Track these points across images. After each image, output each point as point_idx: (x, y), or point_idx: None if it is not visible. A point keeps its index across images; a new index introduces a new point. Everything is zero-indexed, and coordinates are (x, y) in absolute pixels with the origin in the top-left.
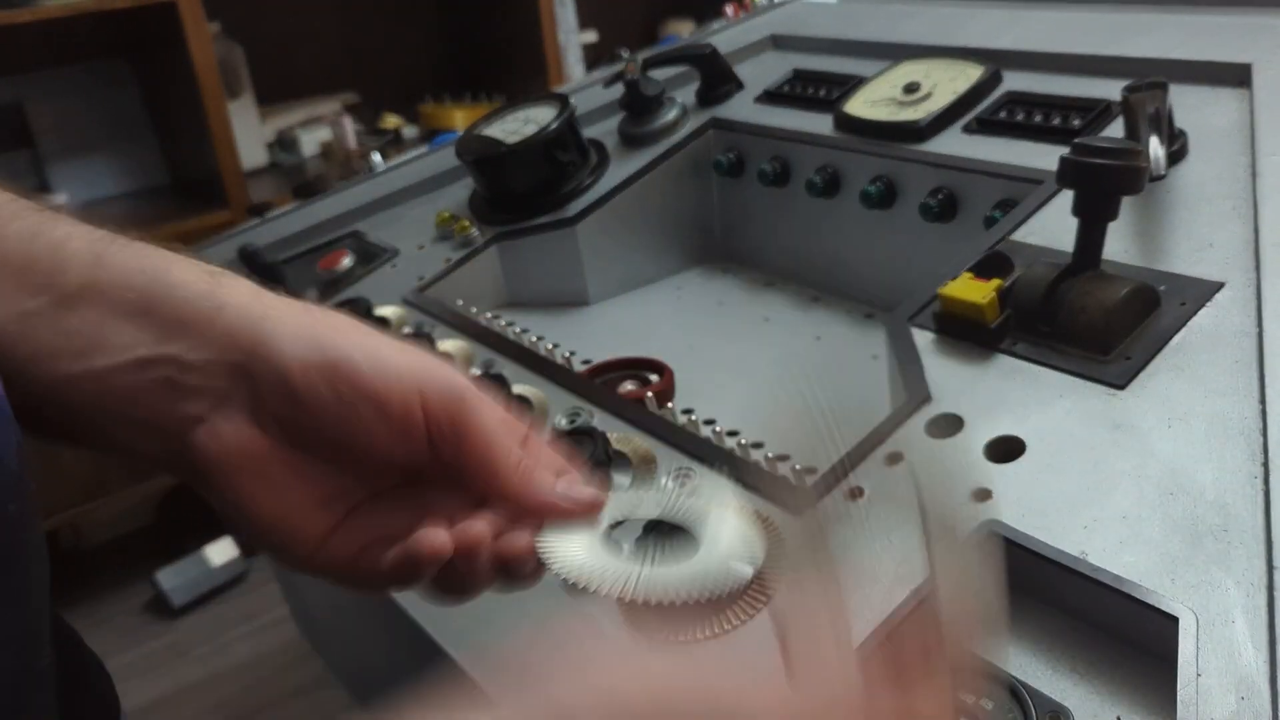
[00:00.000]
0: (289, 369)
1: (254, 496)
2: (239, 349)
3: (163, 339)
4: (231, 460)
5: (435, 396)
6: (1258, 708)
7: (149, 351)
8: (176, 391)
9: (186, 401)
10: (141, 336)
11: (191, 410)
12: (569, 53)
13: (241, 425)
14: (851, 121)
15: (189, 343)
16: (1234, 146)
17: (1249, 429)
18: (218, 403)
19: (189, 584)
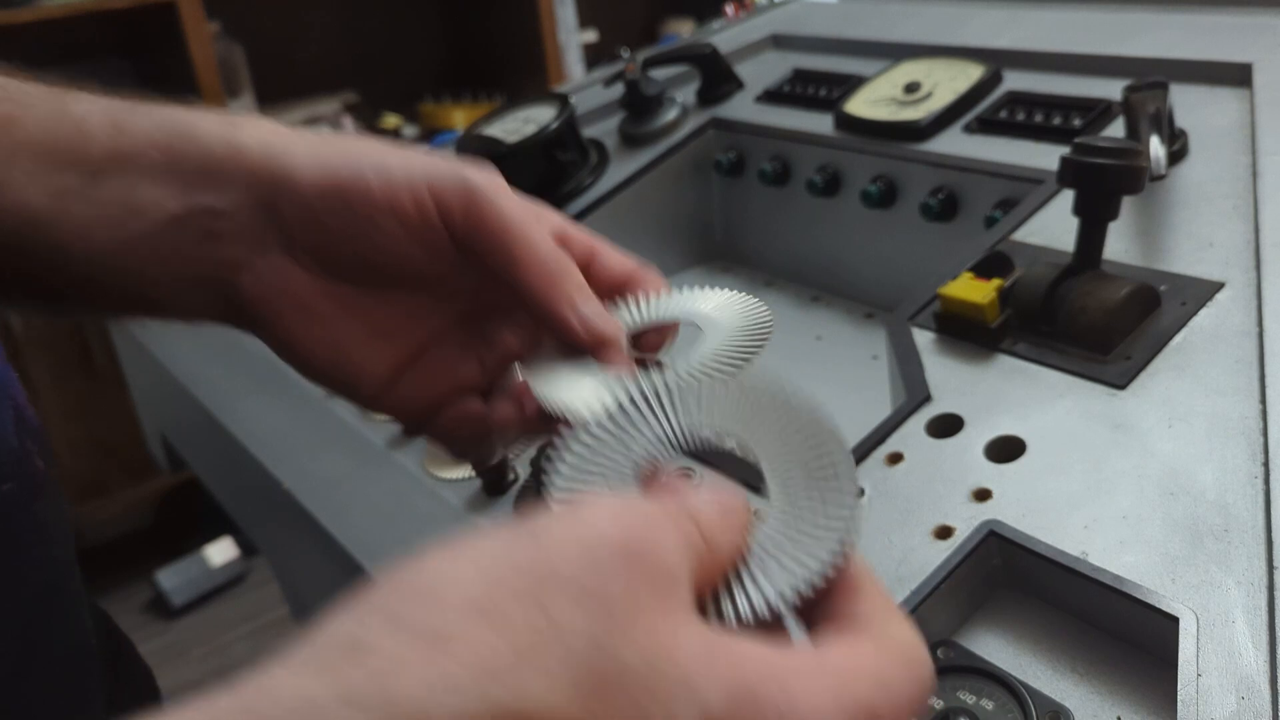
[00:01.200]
0: (307, 197)
1: (306, 334)
2: (263, 186)
3: (191, 191)
4: (277, 299)
5: (444, 189)
6: (1258, 708)
7: (180, 207)
8: (213, 240)
9: (224, 247)
10: (170, 192)
11: (230, 255)
12: (569, 52)
13: (280, 263)
14: (852, 121)
15: (217, 191)
16: (1235, 146)
17: (1249, 429)
18: (254, 244)
19: (189, 584)
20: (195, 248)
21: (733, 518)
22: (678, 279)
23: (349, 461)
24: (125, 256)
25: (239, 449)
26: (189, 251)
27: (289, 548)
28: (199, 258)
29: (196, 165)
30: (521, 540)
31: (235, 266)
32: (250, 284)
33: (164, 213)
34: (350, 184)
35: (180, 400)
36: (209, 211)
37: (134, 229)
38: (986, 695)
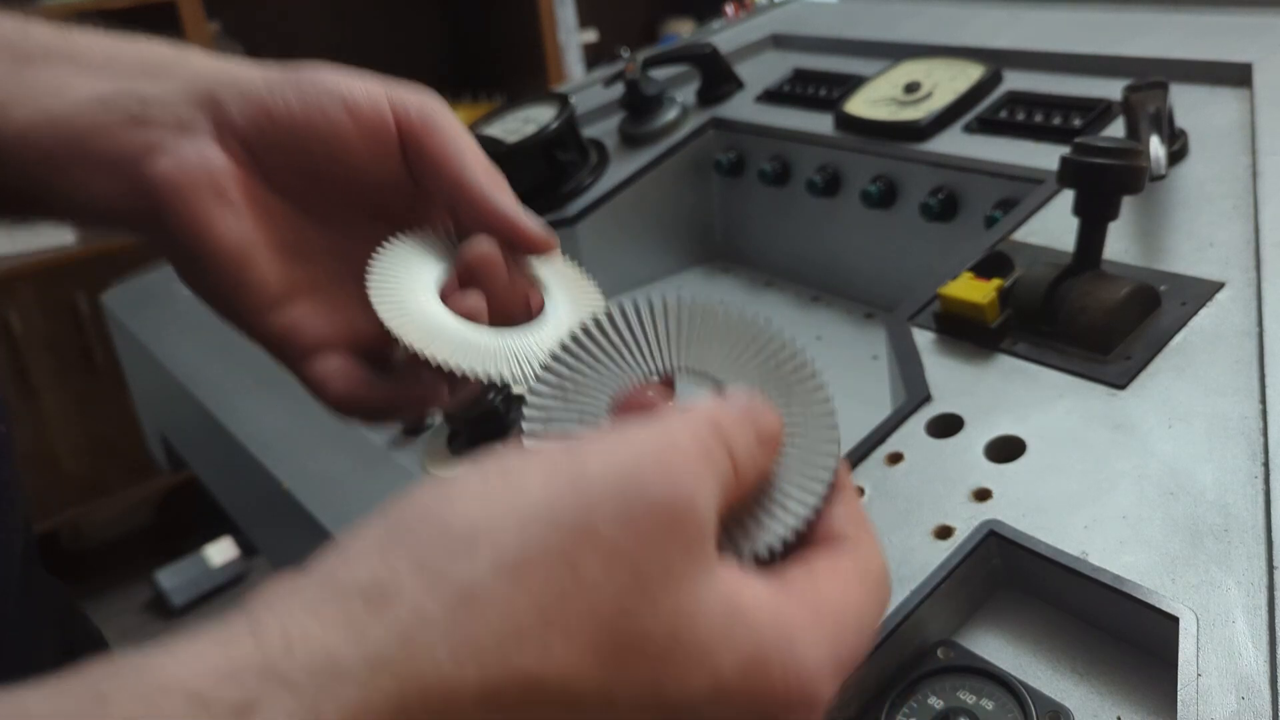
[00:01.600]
0: (254, 85)
1: (212, 218)
2: (203, 81)
3: (125, 80)
4: (193, 178)
5: (403, 102)
6: (1258, 708)
7: (109, 89)
8: (136, 123)
9: (147, 130)
10: (101, 80)
11: (152, 138)
12: (569, 52)
13: (205, 146)
14: (852, 121)
15: (152, 80)
16: (1235, 146)
17: (1250, 429)
18: (180, 130)
19: (189, 584)
20: (115, 129)
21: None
22: (678, 279)
23: (349, 461)
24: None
25: (239, 449)
26: (109, 130)
27: (289, 548)
28: (117, 137)
29: (135, 62)
30: (562, 489)
31: (153, 149)
32: (166, 165)
33: (90, 92)
34: (304, 75)
35: (180, 400)
36: (137, 96)
37: (54, 107)
38: (986, 695)
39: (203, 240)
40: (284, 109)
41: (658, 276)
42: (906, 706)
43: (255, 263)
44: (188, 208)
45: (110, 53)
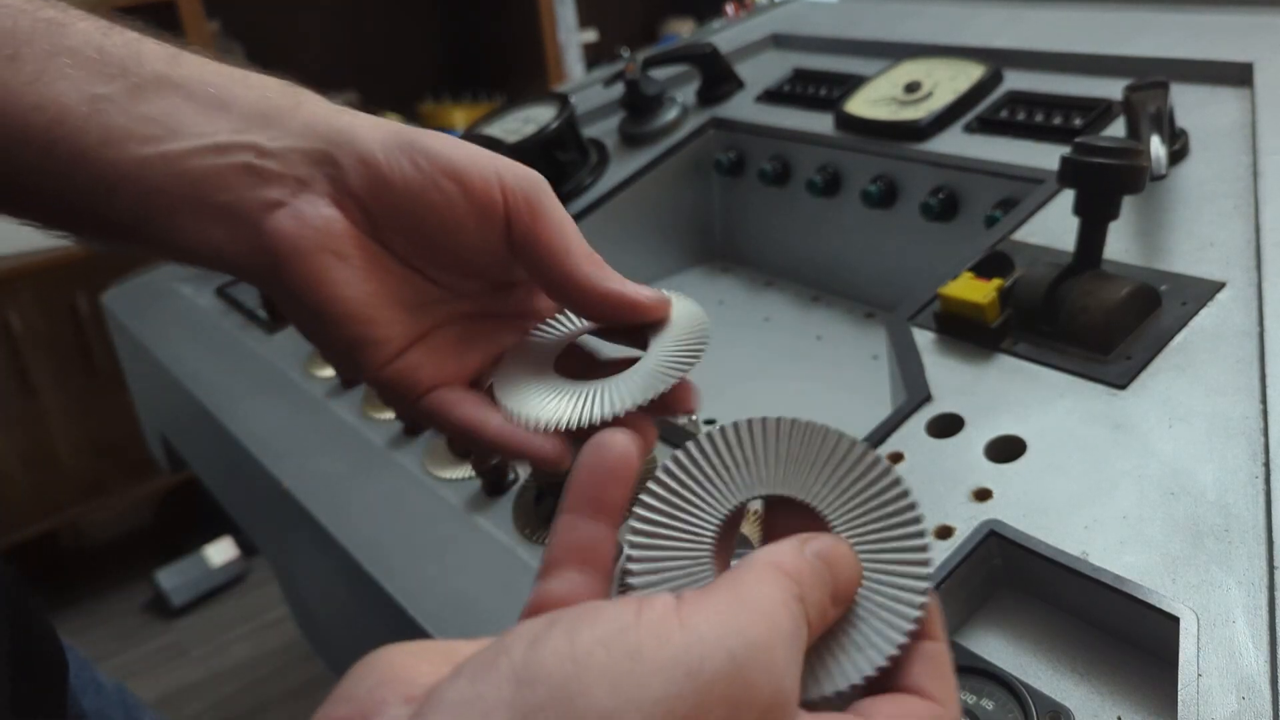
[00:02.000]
0: (371, 148)
1: (335, 279)
2: (319, 137)
3: (241, 129)
4: (313, 239)
5: (513, 180)
6: (1258, 708)
7: (227, 138)
8: (255, 176)
9: (266, 187)
10: (219, 125)
11: (272, 195)
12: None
13: (323, 207)
14: (852, 121)
15: (269, 132)
16: (1235, 146)
17: (1250, 429)
18: (298, 188)
19: (189, 584)
20: (234, 177)
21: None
22: (678, 279)
23: (349, 461)
24: (153, 175)
25: (239, 449)
26: (226, 180)
27: (289, 548)
28: (235, 188)
29: (250, 107)
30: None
31: (271, 205)
32: (286, 220)
33: (209, 139)
34: (420, 145)
35: (180, 400)
36: (255, 148)
37: (170, 147)
38: (986, 695)
39: (325, 300)
40: (400, 178)
41: (658, 277)
42: None
43: (375, 321)
44: (309, 267)
45: (225, 91)
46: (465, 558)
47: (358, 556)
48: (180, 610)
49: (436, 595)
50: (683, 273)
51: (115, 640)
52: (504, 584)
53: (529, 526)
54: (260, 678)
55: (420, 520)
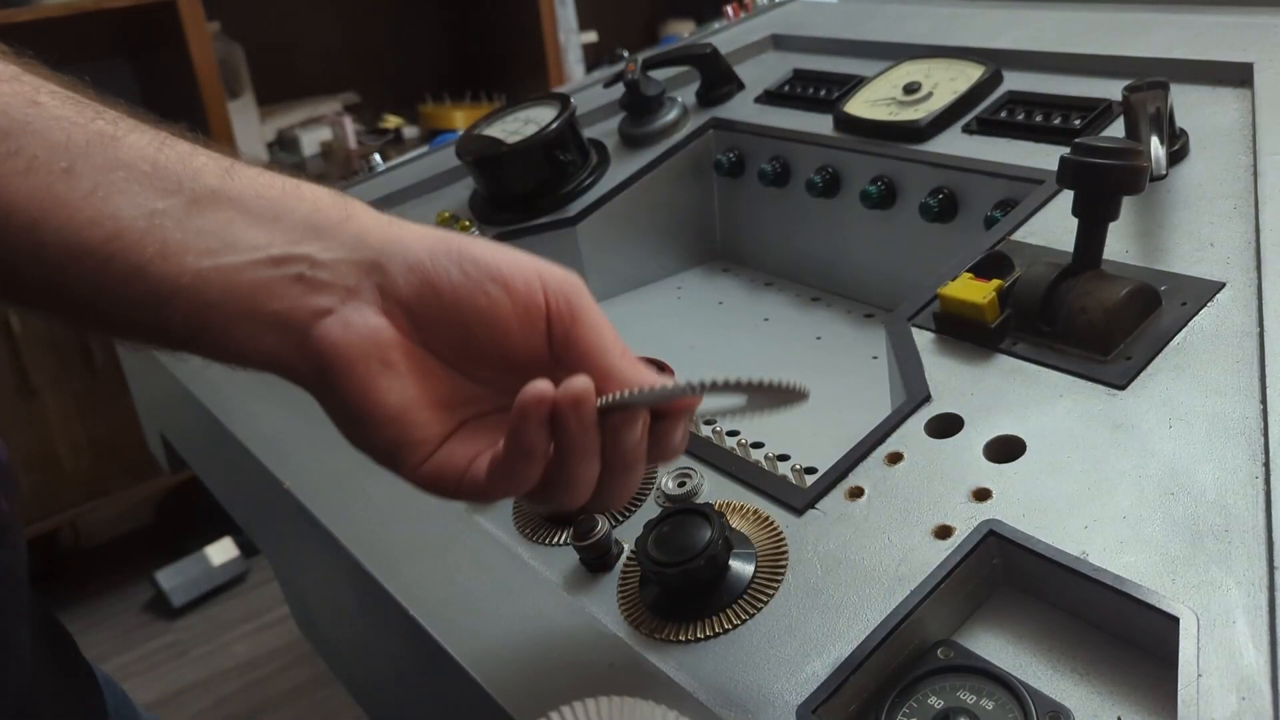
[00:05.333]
0: (419, 255)
1: (378, 387)
2: (369, 247)
3: (295, 241)
4: (359, 347)
5: (554, 282)
6: (1259, 708)
7: (281, 250)
8: (307, 286)
9: (317, 295)
10: (274, 238)
11: (322, 303)
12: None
13: (370, 315)
14: (852, 121)
15: (321, 244)
16: (1235, 146)
17: (1250, 429)
18: (347, 296)
19: (189, 584)
20: (284, 289)
21: None
22: (678, 279)
23: (349, 461)
24: (208, 287)
25: (239, 449)
26: (277, 291)
27: (289, 548)
28: (287, 298)
29: (303, 220)
30: None
31: (321, 313)
32: (334, 329)
33: (263, 252)
34: (465, 252)
35: (180, 400)
36: (308, 260)
37: (226, 261)
38: (986, 695)
39: (368, 405)
40: (447, 284)
41: (658, 277)
42: (906, 706)
43: (415, 424)
44: (355, 374)
45: (277, 204)
46: (465, 558)
47: (358, 556)
48: (180, 610)
49: (437, 595)
50: (683, 273)
51: (115, 640)
52: (504, 584)
53: (529, 526)
54: (260, 678)
55: (420, 520)
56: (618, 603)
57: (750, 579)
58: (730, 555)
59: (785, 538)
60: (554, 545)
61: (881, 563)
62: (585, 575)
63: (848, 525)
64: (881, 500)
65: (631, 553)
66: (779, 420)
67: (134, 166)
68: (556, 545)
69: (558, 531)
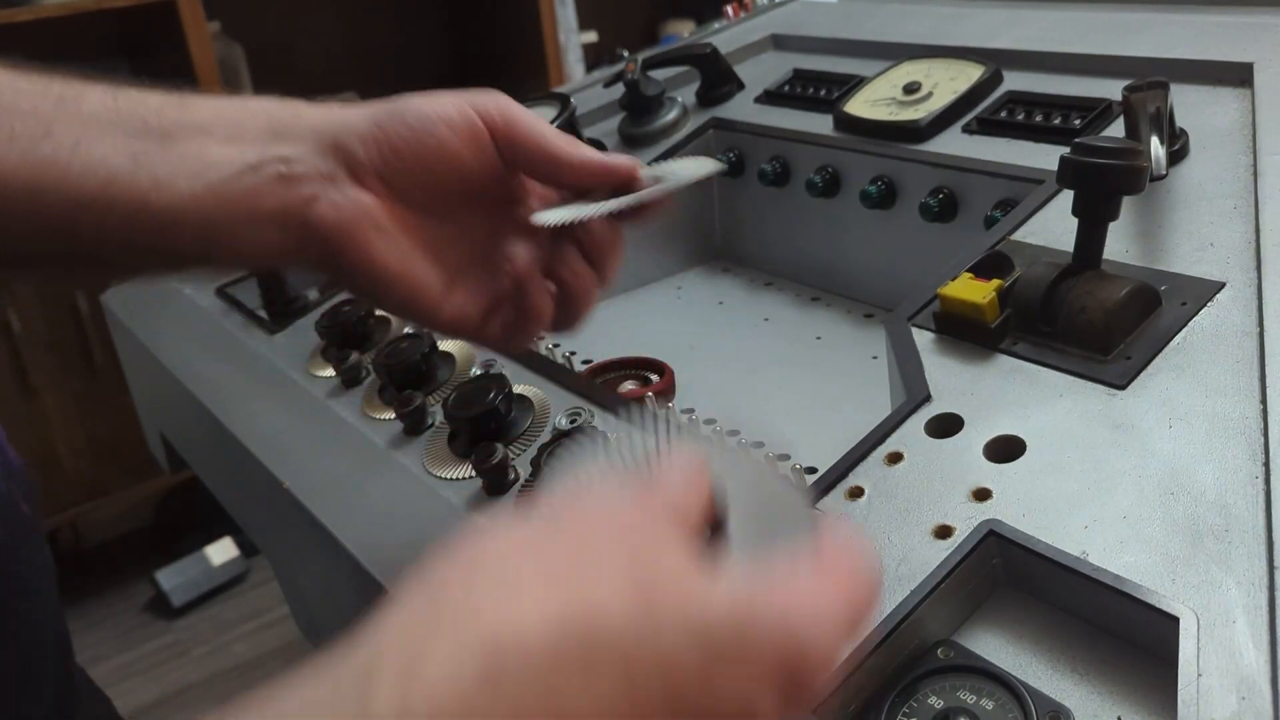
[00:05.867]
0: (368, 127)
1: (378, 250)
2: (326, 134)
3: (260, 146)
4: (352, 221)
5: (482, 102)
6: (1259, 708)
7: (255, 157)
8: (289, 181)
9: (301, 186)
10: (245, 150)
11: (304, 191)
12: (569, 53)
13: (350, 190)
14: (851, 121)
15: (286, 144)
16: (1235, 146)
17: (1250, 429)
18: (325, 181)
19: (189, 584)
20: (271, 188)
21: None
22: (678, 279)
23: (349, 461)
24: (206, 205)
25: (239, 449)
26: (264, 192)
27: (289, 547)
28: (275, 198)
29: (262, 128)
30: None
31: (310, 200)
32: (327, 211)
33: (240, 162)
34: (403, 108)
35: (180, 400)
36: (281, 158)
37: (212, 177)
38: (986, 695)
39: (374, 268)
40: (400, 141)
41: (658, 277)
42: (906, 706)
43: (418, 275)
44: (356, 244)
45: (235, 122)
46: None
47: (358, 556)
48: (180, 610)
49: None
50: (683, 273)
51: (115, 640)
52: None
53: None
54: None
55: (420, 520)
56: None
57: None
58: None
59: None
60: None
61: (881, 562)
62: None
63: None
64: (881, 500)
65: None
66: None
67: (101, 118)
68: None
69: None
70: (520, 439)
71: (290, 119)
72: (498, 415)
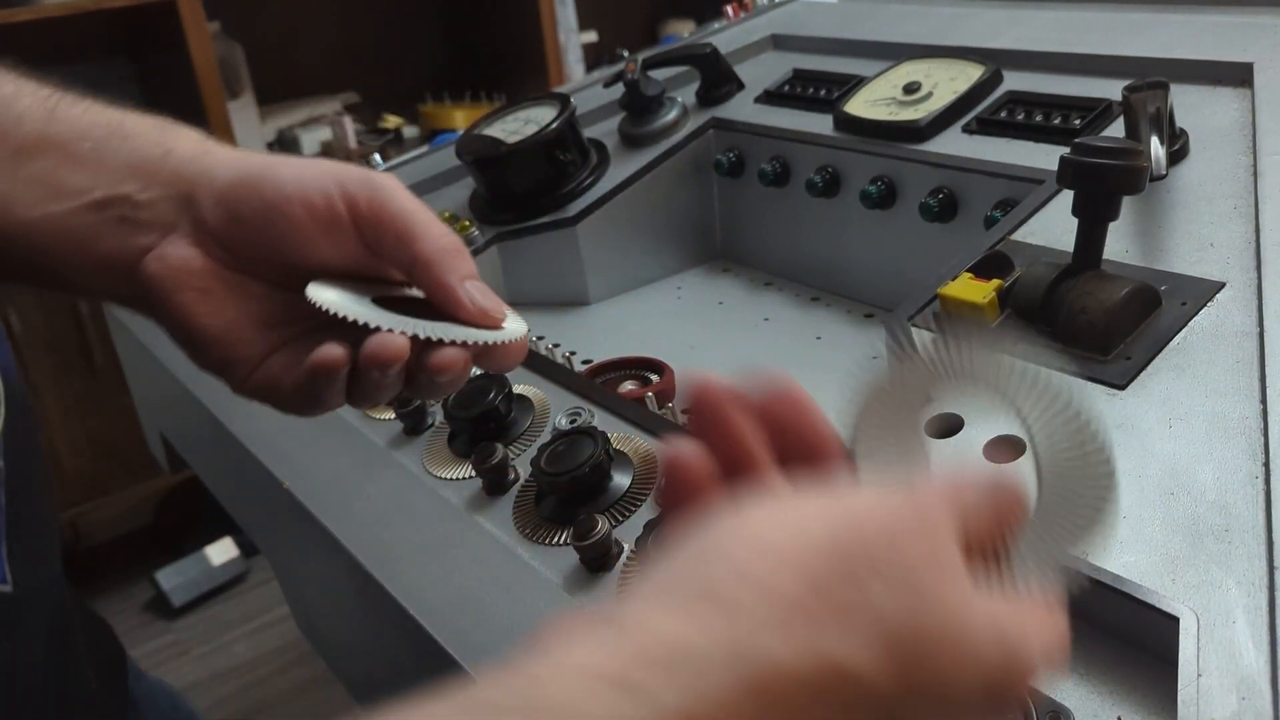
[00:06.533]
0: (221, 188)
1: (198, 313)
2: (184, 181)
3: (115, 182)
4: (177, 279)
5: (353, 186)
6: (1259, 708)
7: (104, 193)
8: (129, 226)
9: (139, 235)
10: (97, 181)
11: (143, 242)
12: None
13: (185, 248)
14: (851, 121)
15: (140, 184)
16: (1235, 146)
17: (1250, 429)
18: (165, 232)
19: (189, 584)
20: (109, 231)
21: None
22: (678, 279)
23: (349, 461)
24: (40, 234)
25: (239, 449)
26: (102, 233)
27: (289, 547)
28: (111, 241)
29: (124, 161)
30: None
31: (143, 250)
32: (153, 264)
33: (86, 198)
34: (265, 176)
35: (180, 400)
36: (129, 201)
37: (53, 209)
38: None
39: (192, 330)
40: (248, 211)
41: (658, 277)
42: None
43: (237, 343)
44: (175, 302)
45: (100, 146)
46: (465, 558)
47: (358, 556)
48: (180, 610)
49: (437, 595)
50: (683, 273)
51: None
52: (504, 584)
53: (529, 526)
54: (260, 678)
55: (420, 520)
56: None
57: None
58: None
59: None
60: (554, 545)
61: None
62: (585, 575)
63: None
64: None
65: (632, 552)
66: None
67: None
68: (556, 545)
69: (558, 531)
70: (520, 439)
71: (158, 156)
72: (498, 415)
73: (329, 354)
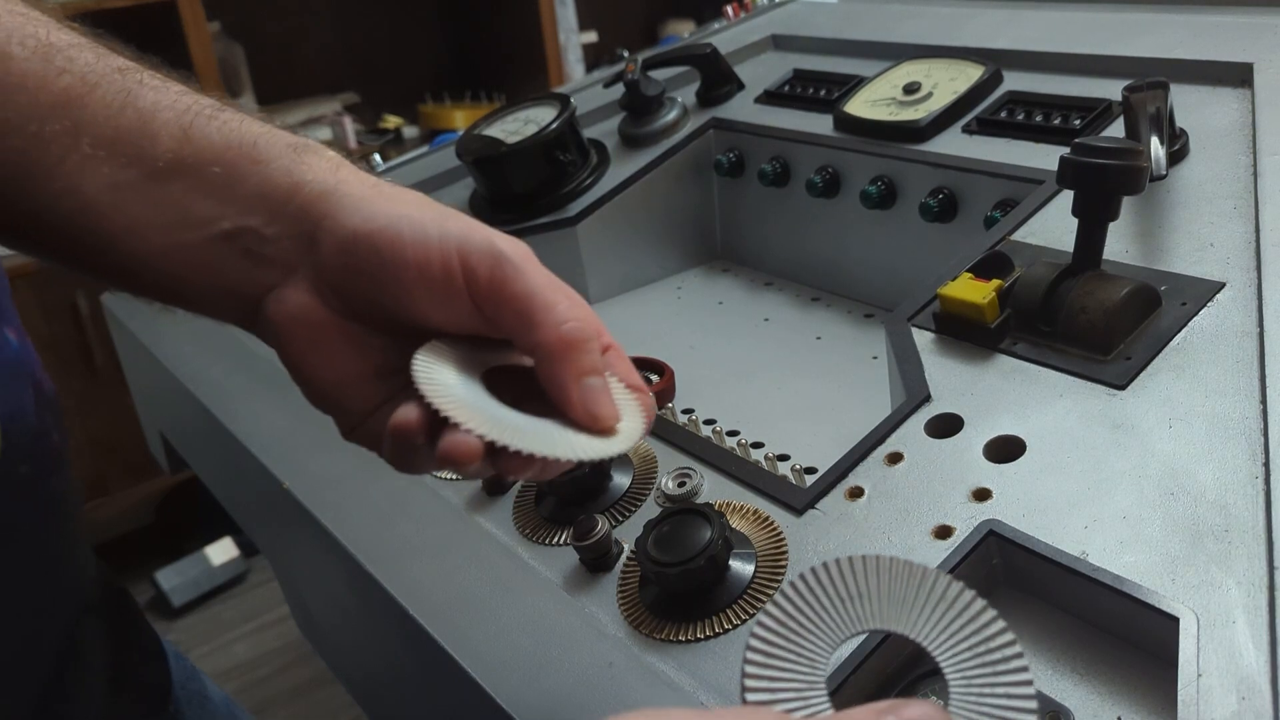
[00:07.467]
0: (344, 238)
1: (310, 364)
2: (309, 221)
3: (244, 213)
4: (292, 328)
5: (474, 256)
6: (1259, 708)
7: (231, 225)
8: (253, 261)
9: (262, 271)
10: (225, 210)
11: (266, 279)
12: (569, 53)
13: (304, 295)
14: (851, 121)
15: (267, 216)
16: (1235, 146)
17: (1250, 429)
18: (288, 272)
19: (189, 584)
20: (235, 264)
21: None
22: (678, 279)
23: (349, 461)
24: (171, 261)
25: (239, 449)
26: (228, 266)
27: (289, 548)
28: (236, 274)
29: (254, 189)
30: None
31: (266, 287)
32: (274, 306)
33: (214, 228)
34: (386, 236)
35: (180, 400)
36: (255, 234)
37: (184, 238)
38: None
39: (304, 377)
40: (365, 268)
41: (658, 277)
42: None
43: (347, 396)
44: (288, 350)
45: (230, 172)
46: (465, 557)
47: (358, 556)
48: (180, 610)
49: (436, 595)
50: (683, 273)
51: None
52: (504, 584)
53: (529, 526)
54: (260, 678)
55: (420, 520)
56: (618, 603)
57: (750, 579)
58: (730, 555)
59: (785, 538)
60: (554, 545)
61: None
62: (585, 575)
63: (848, 525)
64: (881, 500)
65: (631, 553)
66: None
67: (97, 133)
68: (556, 545)
69: (557, 531)
70: None
71: (285, 188)
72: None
73: (403, 418)
